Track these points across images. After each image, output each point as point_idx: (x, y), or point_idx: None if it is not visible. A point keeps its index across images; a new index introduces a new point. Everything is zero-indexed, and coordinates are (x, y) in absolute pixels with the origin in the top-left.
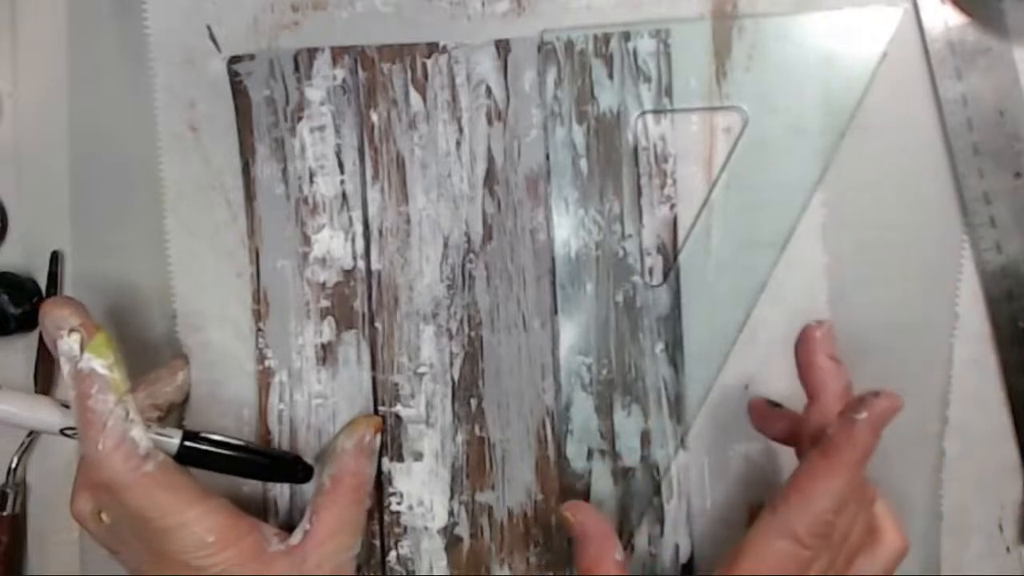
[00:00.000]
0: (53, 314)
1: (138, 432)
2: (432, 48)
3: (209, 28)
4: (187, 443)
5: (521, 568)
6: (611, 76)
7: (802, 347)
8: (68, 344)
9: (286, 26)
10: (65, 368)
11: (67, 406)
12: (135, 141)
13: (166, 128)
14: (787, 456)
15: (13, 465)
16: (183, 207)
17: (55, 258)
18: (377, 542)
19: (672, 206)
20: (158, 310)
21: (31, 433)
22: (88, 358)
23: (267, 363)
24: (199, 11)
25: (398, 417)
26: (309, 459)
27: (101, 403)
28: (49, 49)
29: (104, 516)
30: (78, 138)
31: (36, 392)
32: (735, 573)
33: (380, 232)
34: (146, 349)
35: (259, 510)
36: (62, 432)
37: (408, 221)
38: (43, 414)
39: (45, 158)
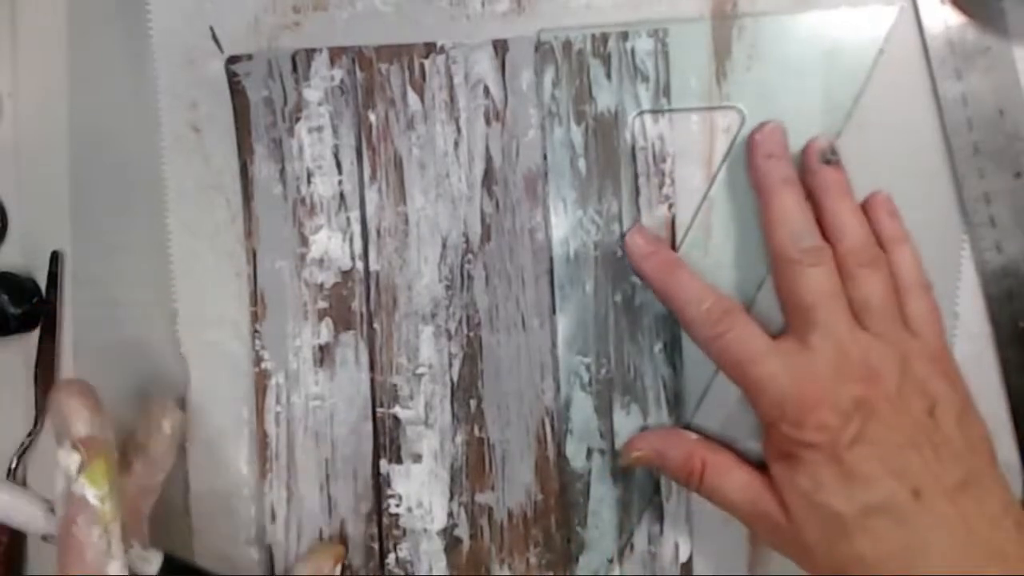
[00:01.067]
0: (64, 403)
1: (115, 567)
2: (430, 48)
3: (212, 29)
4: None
5: (521, 569)
6: (609, 76)
7: (746, 153)
8: (67, 462)
9: (287, 26)
10: (58, 483)
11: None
12: (135, 141)
13: (168, 128)
14: None
15: (13, 466)
16: (184, 207)
17: (55, 258)
18: (376, 544)
19: (670, 206)
20: (158, 310)
21: (31, 434)
22: (83, 484)
23: (264, 365)
24: (201, 12)
25: (396, 418)
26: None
27: (84, 533)
28: (49, 49)
29: None
30: (78, 138)
31: (36, 393)
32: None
33: (378, 232)
34: (146, 349)
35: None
36: (43, 538)
37: (406, 221)
38: (28, 515)
39: (45, 158)
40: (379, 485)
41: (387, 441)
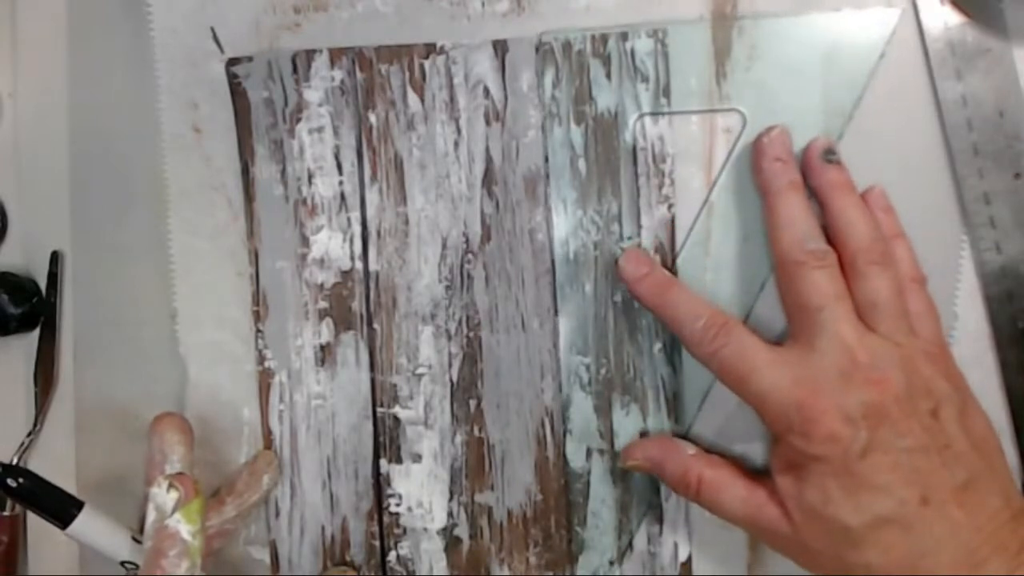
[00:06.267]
0: (163, 436)
1: None
2: (430, 49)
3: (213, 30)
4: None
5: (521, 569)
6: (609, 76)
7: (752, 156)
8: (163, 498)
9: (287, 27)
10: (151, 516)
11: (137, 540)
12: (136, 141)
13: (169, 129)
14: None
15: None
16: (185, 207)
17: (55, 258)
18: (377, 543)
19: (670, 206)
20: (158, 310)
21: (31, 433)
22: (178, 519)
23: (267, 364)
24: (202, 12)
25: (396, 418)
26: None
27: (173, 565)
28: (49, 49)
29: None
30: (78, 138)
31: (36, 393)
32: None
33: (378, 233)
34: (146, 349)
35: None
36: (122, 564)
37: (406, 222)
38: (112, 542)
39: (45, 158)
40: (379, 484)
41: (387, 441)
